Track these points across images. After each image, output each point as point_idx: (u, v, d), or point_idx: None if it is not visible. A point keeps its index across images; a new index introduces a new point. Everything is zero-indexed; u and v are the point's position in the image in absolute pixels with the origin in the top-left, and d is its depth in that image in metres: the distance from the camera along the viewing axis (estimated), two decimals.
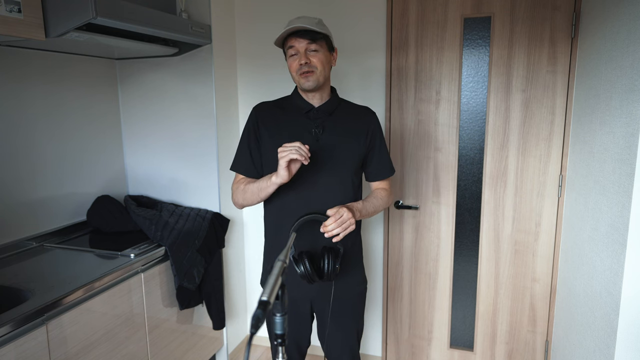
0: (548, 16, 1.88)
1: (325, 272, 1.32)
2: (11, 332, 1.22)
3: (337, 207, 1.30)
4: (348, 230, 1.28)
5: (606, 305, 1.36)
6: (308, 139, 1.41)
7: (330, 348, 1.55)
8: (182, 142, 2.25)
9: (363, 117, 1.49)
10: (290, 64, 1.39)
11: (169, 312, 1.89)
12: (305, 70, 1.35)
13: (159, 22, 1.70)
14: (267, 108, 1.50)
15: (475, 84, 2.02)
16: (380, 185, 1.56)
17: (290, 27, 1.31)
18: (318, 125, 1.42)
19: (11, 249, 1.76)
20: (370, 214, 1.46)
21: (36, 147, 1.87)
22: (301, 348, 1.58)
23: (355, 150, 1.45)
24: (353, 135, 1.45)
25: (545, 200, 2.00)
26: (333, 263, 1.31)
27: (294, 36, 1.34)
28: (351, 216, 1.29)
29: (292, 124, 1.43)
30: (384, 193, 1.53)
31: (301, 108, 1.44)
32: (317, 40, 1.35)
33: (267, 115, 1.47)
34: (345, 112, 1.48)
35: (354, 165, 1.45)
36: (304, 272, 1.31)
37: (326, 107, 1.44)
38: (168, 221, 1.98)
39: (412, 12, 2.05)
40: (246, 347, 0.76)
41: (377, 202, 1.49)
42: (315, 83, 1.37)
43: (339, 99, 1.51)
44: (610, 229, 1.36)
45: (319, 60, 1.36)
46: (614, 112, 1.38)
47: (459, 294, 2.20)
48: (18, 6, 1.34)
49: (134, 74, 2.26)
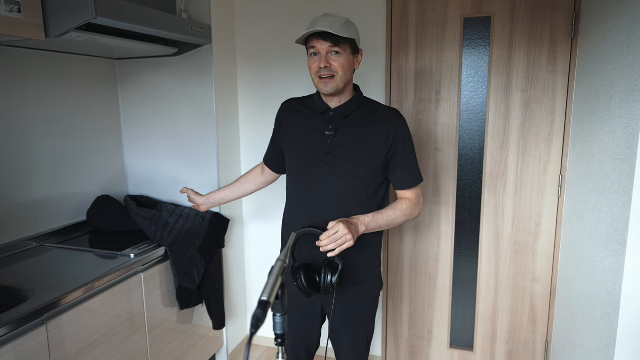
0: (548, 16, 1.88)
1: (322, 287, 1.29)
2: (11, 332, 1.22)
3: (337, 222, 1.24)
4: (344, 247, 1.22)
5: (606, 305, 1.36)
6: (320, 141, 1.38)
7: (340, 350, 1.54)
8: (182, 142, 2.25)
9: (385, 120, 1.38)
10: (310, 65, 1.33)
11: (169, 312, 1.89)
12: (326, 75, 1.30)
13: (159, 22, 1.70)
14: (291, 104, 1.52)
15: (475, 84, 2.02)
16: (406, 195, 1.44)
17: (313, 29, 1.26)
18: (332, 128, 1.37)
19: (11, 249, 1.76)
20: (383, 227, 1.37)
21: (36, 147, 1.86)
22: (310, 349, 1.57)
23: (369, 155, 1.36)
24: (369, 140, 1.36)
25: (545, 200, 2.00)
26: (330, 278, 1.27)
27: (316, 37, 1.29)
28: (347, 232, 1.21)
29: (308, 124, 1.42)
30: (405, 204, 1.41)
31: (319, 109, 1.41)
32: (340, 44, 1.28)
33: (289, 112, 1.50)
34: (366, 114, 1.40)
35: (367, 171, 1.37)
36: (299, 286, 1.30)
37: (343, 109, 1.38)
38: (168, 221, 1.98)
39: (412, 12, 2.05)
40: (246, 347, 0.76)
41: (393, 214, 1.38)
42: (334, 89, 1.32)
43: (362, 100, 1.42)
44: (610, 229, 1.36)
45: (340, 65, 1.30)
46: (614, 112, 1.38)
47: (459, 294, 2.20)
48: (18, 6, 1.34)
49: (134, 74, 2.26)
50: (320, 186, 1.39)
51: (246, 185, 1.72)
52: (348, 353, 1.53)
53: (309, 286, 1.29)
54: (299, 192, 1.45)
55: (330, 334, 1.53)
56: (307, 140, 1.41)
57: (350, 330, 1.50)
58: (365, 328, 1.52)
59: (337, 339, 1.53)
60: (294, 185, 1.47)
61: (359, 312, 1.50)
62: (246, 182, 1.72)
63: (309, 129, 1.42)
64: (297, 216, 1.46)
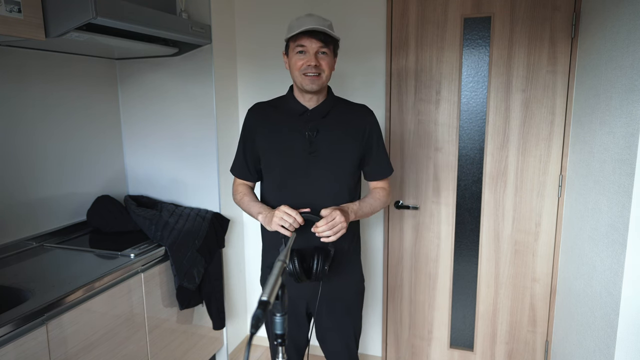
0: (548, 16, 1.88)
1: (313, 272, 1.32)
2: (11, 332, 1.22)
3: (331, 209, 1.30)
4: (340, 234, 1.29)
5: (606, 305, 1.36)
6: (302, 141, 1.40)
7: (328, 348, 1.55)
8: (182, 142, 2.25)
9: (359, 116, 1.47)
10: (295, 62, 1.35)
11: (169, 312, 1.89)
12: (313, 73, 1.33)
13: (159, 22, 1.70)
14: (262, 109, 1.50)
15: (475, 84, 2.02)
16: (379, 185, 1.54)
17: (309, 27, 1.29)
18: (312, 128, 1.40)
19: (11, 249, 1.76)
20: (367, 214, 1.45)
21: (36, 147, 1.86)
22: (299, 348, 1.57)
23: (351, 151, 1.43)
24: (349, 136, 1.43)
25: (545, 200, 2.00)
26: (322, 264, 1.31)
27: (307, 35, 1.32)
28: (343, 219, 1.28)
29: (286, 127, 1.43)
30: (382, 193, 1.52)
31: (295, 110, 1.43)
32: (328, 44, 1.34)
33: (262, 117, 1.47)
34: (340, 112, 1.46)
35: (349, 167, 1.43)
36: (291, 271, 1.31)
37: (321, 108, 1.42)
38: (168, 221, 1.98)
39: (412, 12, 2.05)
40: (246, 347, 0.76)
41: (374, 202, 1.48)
42: (319, 87, 1.37)
43: (335, 99, 1.48)
44: (610, 229, 1.36)
45: (327, 64, 1.36)
46: (614, 112, 1.38)
47: (459, 294, 2.20)
48: (18, 6, 1.34)
49: (134, 74, 2.26)
50: (304, 185, 1.41)
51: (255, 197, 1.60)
52: (337, 352, 1.54)
53: (301, 272, 1.31)
54: (281, 194, 1.43)
55: (317, 334, 1.53)
56: (286, 142, 1.41)
57: (337, 329, 1.51)
58: (352, 326, 1.54)
59: (325, 338, 1.54)
60: (274, 188, 1.45)
61: (344, 308, 1.51)
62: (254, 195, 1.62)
63: (286, 131, 1.42)
64: None
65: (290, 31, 1.34)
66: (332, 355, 1.56)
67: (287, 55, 1.41)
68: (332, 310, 1.49)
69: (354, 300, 1.55)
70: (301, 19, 1.35)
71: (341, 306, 1.50)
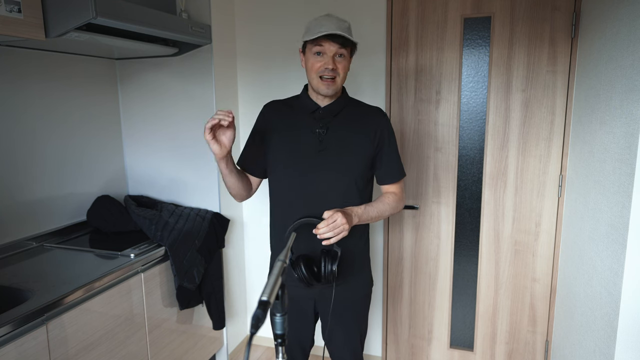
0: (548, 16, 1.88)
1: (322, 275, 1.31)
2: (11, 332, 1.22)
3: (333, 211, 1.28)
4: (340, 236, 1.27)
5: (606, 305, 1.36)
6: (311, 139, 1.40)
7: (333, 349, 1.55)
8: (182, 142, 2.25)
9: (371, 118, 1.45)
10: (313, 64, 1.34)
11: (169, 312, 1.89)
12: (330, 76, 1.33)
13: (159, 22, 1.70)
14: (276, 106, 1.51)
15: (475, 84, 2.02)
16: (390, 189, 1.50)
17: (329, 31, 1.28)
18: (322, 126, 1.40)
19: (11, 249, 1.76)
20: (373, 218, 1.42)
21: (36, 147, 1.86)
22: (304, 348, 1.57)
23: (360, 150, 1.41)
24: (358, 137, 1.42)
25: (545, 200, 2.00)
26: (330, 266, 1.29)
27: (325, 37, 1.30)
28: (345, 222, 1.26)
29: (297, 124, 1.43)
30: (392, 198, 1.48)
31: (307, 108, 1.43)
32: (346, 46, 1.33)
33: (275, 114, 1.48)
34: (353, 112, 1.45)
35: (358, 167, 1.42)
36: (300, 277, 1.31)
37: (333, 107, 1.42)
38: (168, 221, 1.98)
39: (412, 12, 2.05)
40: (246, 347, 0.76)
41: (382, 207, 1.44)
42: (334, 91, 1.37)
43: (348, 99, 1.47)
44: (610, 229, 1.36)
45: (343, 67, 1.35)
46: (614, 112, 1.38)
47: (459, 294, 2.20)
48: (18, 6, 1.34)
49: (134, 74, 2.26)
50: (313, 183, 1.40)
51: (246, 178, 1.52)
52: (342, 352, 1.53)
53: (309, 276, 1.30)
54: (290, 192, 1.43)
55: (324, 333, 1.53)
56: (297, 139, 1.41)
57: (343, 330, 1.51)
58: (358, 327, 1.53)
59: (331, 338, 1.53)
60: (283, 185, 1.45)
61: (352, 311, 1.50)
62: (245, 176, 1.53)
63: (298, 128, 1.43)
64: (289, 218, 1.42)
65: (310, 33, 1.33)
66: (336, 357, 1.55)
67: (304, 54, 1.39)
68: (339, 311, 1.48)
69: (361, 303, 1.54)
70: (320, 19, 1.33)
71: (348, 308, 1.49)
